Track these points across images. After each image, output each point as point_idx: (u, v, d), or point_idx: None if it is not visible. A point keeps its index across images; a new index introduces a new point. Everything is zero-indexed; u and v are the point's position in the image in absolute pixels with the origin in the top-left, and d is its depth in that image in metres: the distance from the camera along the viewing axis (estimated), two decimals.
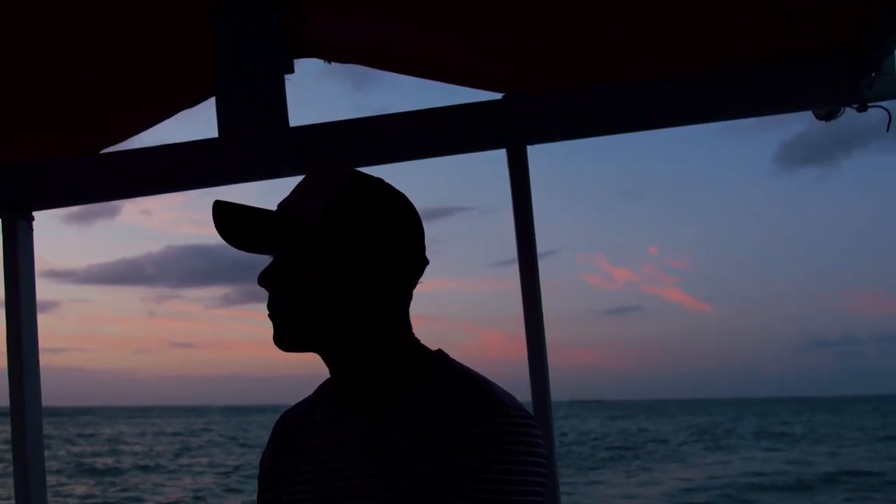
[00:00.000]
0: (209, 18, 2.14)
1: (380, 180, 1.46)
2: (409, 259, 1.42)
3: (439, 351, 1.46)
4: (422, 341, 1.47)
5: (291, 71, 2.24)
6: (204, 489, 27.23)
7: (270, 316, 1.41)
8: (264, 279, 1.41)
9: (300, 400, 1.59)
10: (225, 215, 1.41)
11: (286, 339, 1.40)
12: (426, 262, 1.44)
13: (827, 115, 2.34)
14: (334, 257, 1.38)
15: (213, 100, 2.23)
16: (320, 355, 1.45)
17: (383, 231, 1.41)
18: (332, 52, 2.36)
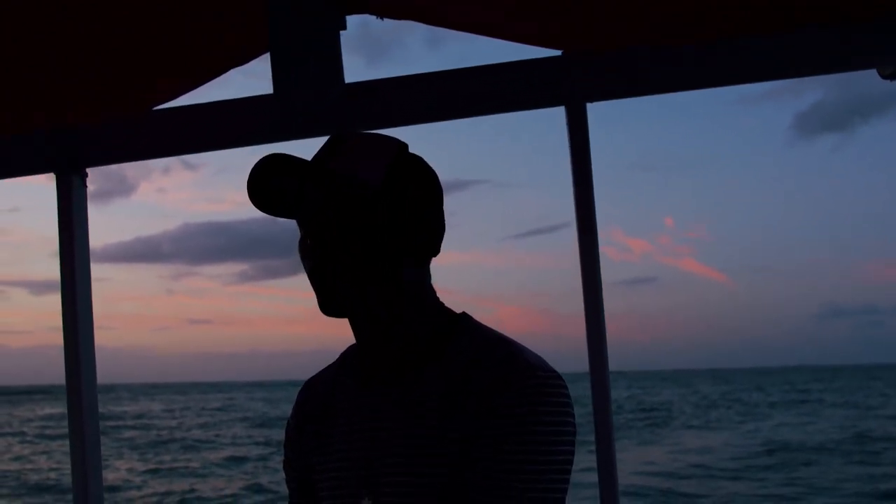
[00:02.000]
0: None
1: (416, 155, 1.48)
2: (436, 233, 1.44)
3: (463, 315, 1.46)
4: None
5: (344, 27, 2.22)
6: (242, 457, 28.15)
7: (312, 283, 1.40)
8: (308, 250, 1.39)
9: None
10: (272, 167, 1.37)
11: (326, 306, 1.39)
12: (443, 229, 1.46)
13: (892, 73, 2.28)
14: (378, 227, 1.38)
15: (266, 56, 2.20)
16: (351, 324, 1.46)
17: (424, 208, 1.43)
18: (386, 10, 2.32)
